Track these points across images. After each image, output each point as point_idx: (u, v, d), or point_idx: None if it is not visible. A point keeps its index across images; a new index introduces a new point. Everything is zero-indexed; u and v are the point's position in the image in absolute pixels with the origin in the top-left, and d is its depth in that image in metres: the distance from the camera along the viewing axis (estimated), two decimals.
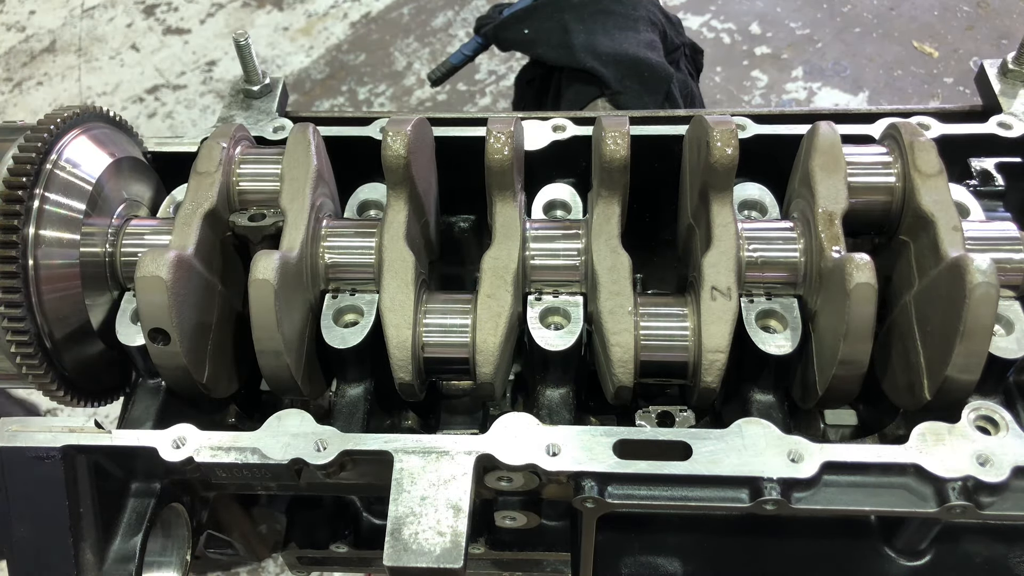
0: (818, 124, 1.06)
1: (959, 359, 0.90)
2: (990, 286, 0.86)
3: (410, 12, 4.23)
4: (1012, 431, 0.90)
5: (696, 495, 0.91)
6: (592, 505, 0.91)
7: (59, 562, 0.95)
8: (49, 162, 1.02)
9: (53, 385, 1.03)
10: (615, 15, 1.90)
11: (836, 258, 0.97)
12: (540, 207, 1.20)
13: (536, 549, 1.34)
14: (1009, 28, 3.89)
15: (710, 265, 1.02)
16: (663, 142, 1.20)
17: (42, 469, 0.94)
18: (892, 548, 1.05)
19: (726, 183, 1.03)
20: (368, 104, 3.88)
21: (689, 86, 1.98)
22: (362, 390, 1.10)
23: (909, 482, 0.90)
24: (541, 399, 1.08)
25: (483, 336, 1.03)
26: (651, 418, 1.11)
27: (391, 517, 0.89)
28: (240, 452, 0.94)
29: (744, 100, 3.76)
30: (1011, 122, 1.19)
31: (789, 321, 1.03)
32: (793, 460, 0.89)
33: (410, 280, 1.04)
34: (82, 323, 1.05)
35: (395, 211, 1.06)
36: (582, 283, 1.09)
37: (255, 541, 1.34)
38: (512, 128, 1.06)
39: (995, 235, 1.02)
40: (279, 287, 0.95)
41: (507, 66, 3.89)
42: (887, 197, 1.05)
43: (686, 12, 4.05)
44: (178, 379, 1.03)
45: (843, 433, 1.15)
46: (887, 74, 3.80)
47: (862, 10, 4.04)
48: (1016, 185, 1.16)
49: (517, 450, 0.92)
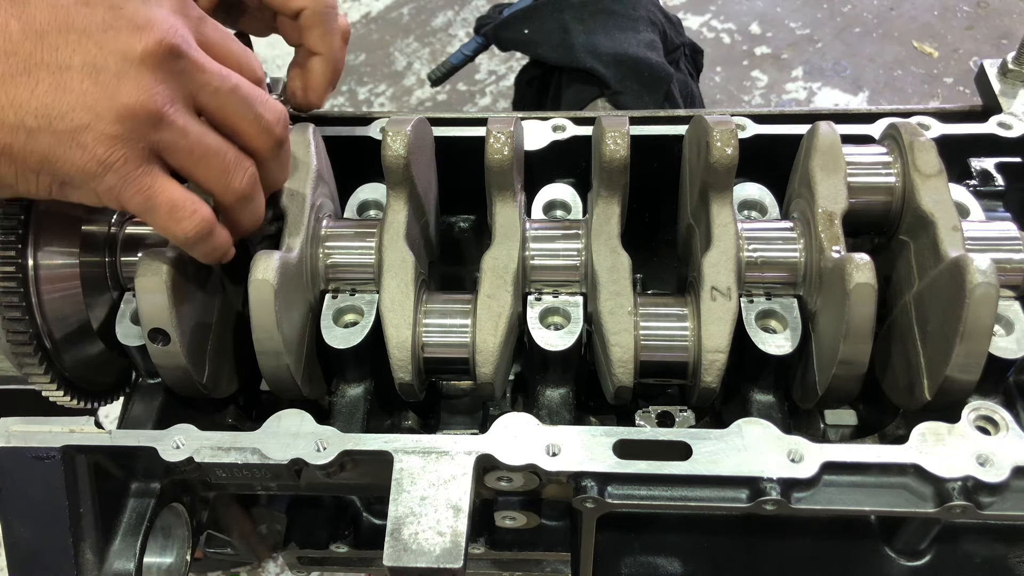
0: (818, 124, 1.06)
1: (959, 359, 0.90)
2: (990, 286, 0.86)
3: (410, 12, 4.23)
4: (1012, 431, 0.90)
5: (696, 495, 0.91)
6: (592, 505, 0.91)
7: (59, 562, 0.95)
8: None
9: (53, 385, 1.03)
10: (615, 15, 1.90)
11: (836, 258, 0.97)
12: (540, 207, 1.20)
13: (536, 549, 1.34)
14: (1009, 28, 3.89)
15: (710, 265, 1.02)
16: (663, 142, 1.20)
17: (42, 469, 0.94)
18: (892, 548, 1.05)
19: (726, 183, 1.03)
20: (368, 104, 3.87)
21: (689, 86, 1.98)
22: (362, 390, 1.10)
23: (909, 482, 0.90)
24: (541, 399, 1.08)
25: (483, 336, 1.03)
26: (651, 418, 1.11)
27: (391, 517, 0.89)
28: (240, 452, 0.94)
29: (744, 100, 3.75)
30: (1011, 122, 1.19)
31: (789, 321, 1.03)
32: (793, 460, 0.89)
33: (410, 280, 1.04)
34: (82, 323, 1.05)
35: (395, 211, 1.06)
36: (582, 283, 1.09)
37: (255, 541, 1.34)
38: (512, 128, 1.06)
39: (995, 235, 1.02)
40: (279, 287, 0.95)
41: (507, 66, 3.89)
42: (887, 197, 1.05)
43: (686, 12, 4.05)
44: (178, 379, 1.03)
45: (843, 433, 1.15)
46: (887, 74, 3.80)
47: (862, 10, 4.04)
48: (1016, 185, 1.16)
49: (517, 450, 0.92)
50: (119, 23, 0.82)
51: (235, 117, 0.90)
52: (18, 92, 0.78)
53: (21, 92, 0.78)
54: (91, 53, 0.80)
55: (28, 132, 0.79)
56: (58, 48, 0.79)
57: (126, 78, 0.81)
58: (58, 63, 0.79)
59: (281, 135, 0.95)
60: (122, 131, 0.81)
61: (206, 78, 0.87)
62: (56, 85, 0.79)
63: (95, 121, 0.80)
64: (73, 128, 0.80)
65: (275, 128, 0.93)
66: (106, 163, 0.82)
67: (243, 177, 0.93)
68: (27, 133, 0.79)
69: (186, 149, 0.87)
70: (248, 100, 0.90)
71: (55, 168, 0.82)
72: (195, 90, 0.86)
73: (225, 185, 0.91)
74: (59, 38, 0.80)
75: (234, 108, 0.90)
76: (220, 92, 0.88)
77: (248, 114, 0.91)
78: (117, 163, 0.82)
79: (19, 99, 0.78)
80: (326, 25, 1.12)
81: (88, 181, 0.83)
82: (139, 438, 0.96)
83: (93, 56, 0.80)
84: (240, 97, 0.90)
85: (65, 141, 0.80)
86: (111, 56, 0.81)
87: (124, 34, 0.81)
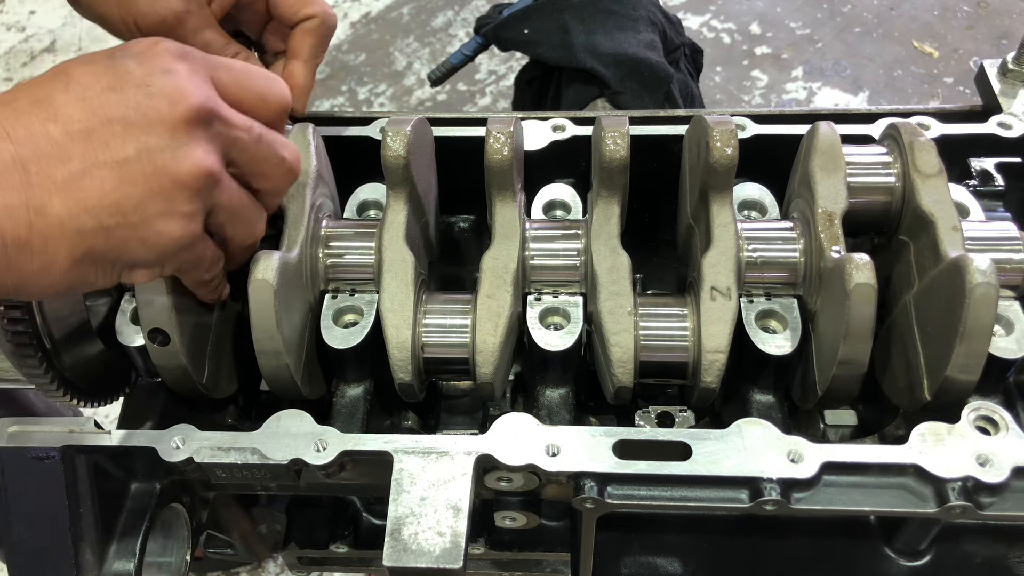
0: (818, 124, 1.06)
1: (959, 359, 0.90)
2: (990, 286, 0.86)
3: (410, 12, 4.23)
4: (1012, 431, 0.90)
5: (696, 495, 0.91)
6: (592, 505, 0.91)
7: (59, 562, 0.95)
8: None
9: (53, 385, 1.03)
10: (615, 15, 1.90)
11: (836, 258, 0.97)
12: (540, 207, 1.20)
13: (536, 549, 1.34)
14: (1009, 28, 3.89)
15: (710, 265, 1.02)
16: (663, 142, 1.20)
17: (42, 469, 0.94)
18: (892, 548, 1.05)
19: (726, 183, 1.03)
20: (368, 104, 3.87)
21: (689, 86, 1.98)
22: (362, 390, 1.10)
23: (909, 482, 0.90)
24: (541, 399, 1.08)
25: (483, 336, 1.03)
26: (651, 418, 1.11)
27: (391, 517, 0.89)
28: (240, 452, 0.94)
29: (744, 100, 3.75)
30: (1011, 122, 1.19)
31: (789, 321, 1.03)
32: (793, 460, 0.89)
33: (410, 280, 1.04)
34: (82, 323, 1.05)
35: (395, 211, 1.06)
36: (582, 283, 1.09)
37: (255, 541, 1.34)
38: (512, 128, 1.06)
39: (995, 235, 1.02)
40: (279, 287, 0.95)
41: (507, 66, 3.89)
42: (887, 197, 1.05)
43: (686, 12, 4.05)
44: (178, 379, 1.03)
45: (843, 433, 1.15)
46: (887, 74, 3.80)
47: (862, 10, 4.04)
48: (1016, 185, 1.16)
49: (517, 450, 0.92)
50: (153, 101, 0.80)
51: (263, 164, 0.91)
52: (87, 196, 0.76)
53: (91, 196, 0.77)
54: (141, 139, 0.79)
55: (106, 232, 0.78)
56: (107, 143, 0.78)
57: (181, 151, 0.80)
58: (114, 158, 0.78)
59: (297, 169, 0.96)
60: (193, 208, 0.82)
61: (237, 134, 0.87)
62: (122, 180, 0.78)
63: (169, 205, 0.80)
64: (149, 217, 0.80)
65: (295, 165, 0.95)
66: (182, 241, 0.83)
67: (261, 226, 0.95)
68: (105, 233, 0.78)
69: (228, 207, 0.88)
70: (271, 145, 0.91)
71: (132, 257, 0.81)
72: (228, 147, 0.87)
73: (248, 236, 0.93)
74: (105, 132, 0.78)
75: (262, 156, 0.90)
76: (249, 146, 0.88)
77: (273, 158, 0.91)
78: (191, 239, 0.84)
79: (90, 202, 0.77)
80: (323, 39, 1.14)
81: (163, 260, 0.83)
82: (139, 438, 0.96)
83: (144, 141, 0.79)
84: (265, 144, 0.90)
85: (141, 231, 0.80)
86: (161, 136, 0.79)
87: (163, 110, 0.80)
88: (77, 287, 0.81)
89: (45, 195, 0.75)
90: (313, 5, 1.12)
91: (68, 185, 0.76)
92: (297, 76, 1.16)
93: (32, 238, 0.75)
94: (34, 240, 0.75)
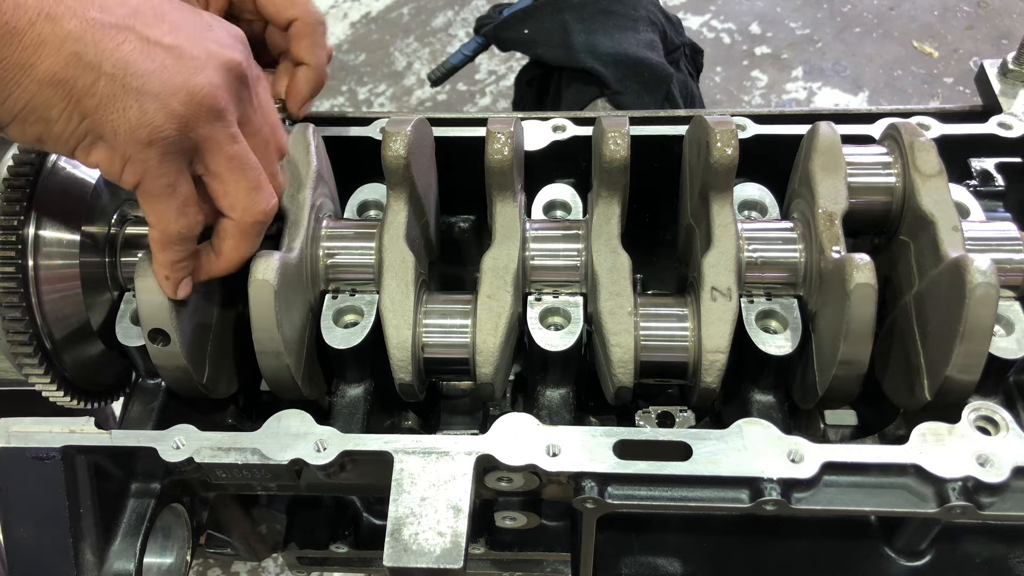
0: (818, 124, 1.06)
1: (959, 359, 0.90)
2: (990, 286, 0.86)
3: (410, 12, 4.23)
4: (1012, 431, 0.90)
5: (696, 495, 0.91)
6: (592, 505, 0.91)
7: (59, 562, 0.95)
8: (49, 162, 1.02)
9: (53, 385, 1.03)
10: (615, 15, 1.90)
11: (836, 258, 0.97)
12: (540, 207, 1.20)
13: (536, 549, 1.34)
14: (1009, 28, 3.89)
15: (710, 265, 1.02)
16: (663, 142, 1.20)
17: (42, 469, 0.94)
18: (892, 548, 1.05)
19: (726, 183, 1.03)
20: (368, 104, 3.88)
21: (689, 86, 1.98)
22: (362, 390, 1.10)
23: (909, 482, 0.90)
24: (541, 399, 1.08)
25: (483, 336, 1.03)
26: (651, 418, 1.11)
27: (391, 517, 0.89)
28: (240, 452, 0.94)
29: (744, 100, 3.76)
30: (1011, 122, 1.19)
31: (789, 321, 1.03)
32: (793, 460, 0.89)
33: (410, 280, 1.04)
34: (82, 323, 1.05)
35: (395, 211, 1.06)
36: (582, 283, 1.09)
37: (255, 541, 1.34)
38: (512, 128, 1.06)
39: (995, 235, 1.02)
40: (279, 288, 0.95)
41: (507, 66, 3.89)
42: (887, 197, 1.05)
43: (686, 12, 4.05)
44: (178, 379, 1.03)
45: (843, 433, 1.15)
46: (887, 74, 3.80)
47: (862, 10, 4.04)
48: (1016, 185, 1.16)
49: (517, 450, 0.92)
50: (212, 32, 0.88)
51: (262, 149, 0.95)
52: (105, 41, 0.79)
53: (108, 42, 0.80)
54: (180, 41, 0.84)
55: (100, 75, 0.80)
56: (151, 25, 0.83)
57: (205, 70, 0.85)
58: (149, 35, 0.82)
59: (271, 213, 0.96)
60: (185, 113, 0.83)
61: (253, 114, 0.92)
62: (142, 50, 0.81)
63: (165, 93, 0.82)
64: (142, 90, 0.81)
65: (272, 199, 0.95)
66: (156, 133, 0.83)
67: (269, 202, 0.95)
68: (98, 75, 0.79)
69: (228, 154, 0.89)
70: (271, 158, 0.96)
71: (105, 119, 0.82)
72: (243, 120, 0.91)
73: (250, 203, 0.93)
74: (155, 18, 0.83)
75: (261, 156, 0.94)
76: (259, 134, 0.94)
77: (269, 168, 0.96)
78: (166, 139, 0.83)
79: (103, 46, 0.79)
80: (315, 37, 1.15)
81: (128, 146, 0.83)
82: (139, 438, 0.96)
83: (182, 44, 0.84)
84: (269, 150, 0.95)
85: (129, 98, 0.81)
86: (199, 49, 0.85)
87: (213, 42, 0.87)
88: (37, 112, 0.80)
89: (66, 14, 0.78)
90: (296, 7, 1.12)
91: (92, 23, 0.79)
92: (296, 79, 1.16)
93: (27, 32, 0.76)
94: (28, 35, 0.77)
